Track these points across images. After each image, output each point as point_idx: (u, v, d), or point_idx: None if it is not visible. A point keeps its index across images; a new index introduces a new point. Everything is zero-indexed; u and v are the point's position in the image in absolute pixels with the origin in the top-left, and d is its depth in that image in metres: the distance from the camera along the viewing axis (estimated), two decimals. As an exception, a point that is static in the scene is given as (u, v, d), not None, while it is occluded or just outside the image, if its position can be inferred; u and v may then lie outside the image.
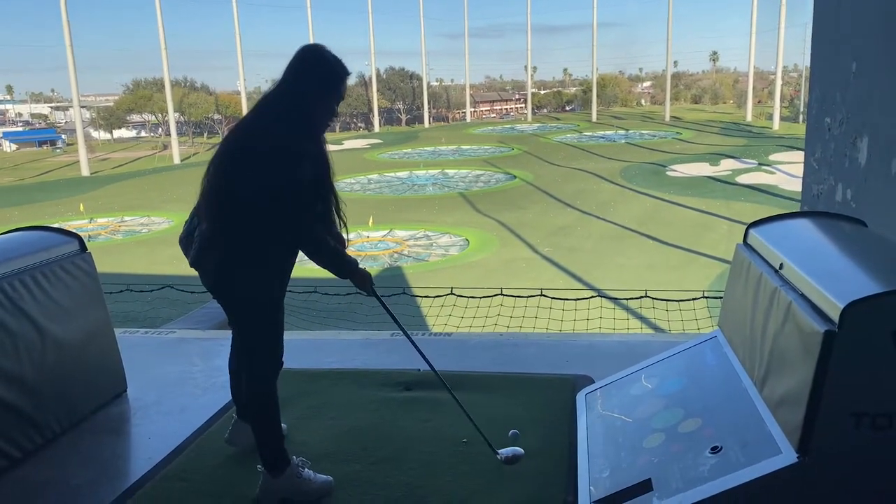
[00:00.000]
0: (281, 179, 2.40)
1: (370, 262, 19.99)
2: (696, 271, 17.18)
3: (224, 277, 2.58)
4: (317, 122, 2.56)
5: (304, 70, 2.50)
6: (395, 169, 40.20)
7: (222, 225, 2.53)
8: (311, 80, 2.49)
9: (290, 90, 2.49)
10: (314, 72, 2.50)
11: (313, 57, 2.53)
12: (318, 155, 2.53)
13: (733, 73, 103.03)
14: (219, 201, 2.53)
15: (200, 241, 2.59)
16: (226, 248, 2.54)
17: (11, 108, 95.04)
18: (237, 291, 2.59)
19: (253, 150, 2.48)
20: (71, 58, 43.42)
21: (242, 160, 2.49)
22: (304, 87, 2.48)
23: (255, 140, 2.51)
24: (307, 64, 2.52)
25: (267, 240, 2.50)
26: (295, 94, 2.48)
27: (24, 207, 30.12)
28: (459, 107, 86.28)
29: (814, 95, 3.81)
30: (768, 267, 2.05)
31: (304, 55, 2.52)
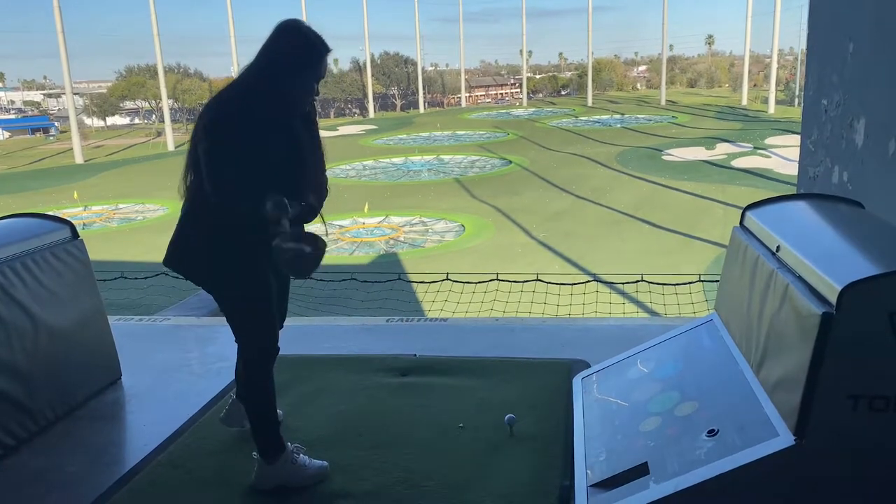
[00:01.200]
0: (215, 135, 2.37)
1: (366, 249, 19.97)
2: (692, 255, 17.21)
3: (197, 259, 2.53)
4: (290, 98, 2.47)
5: (279, 42, 2.43)
6: (391, 155, 40.09)
7: (192, 200, 2.49)
8: (286, 52, 2.41)
9: (262, 62, 2.42)
10: (289, 44, 2.42)
11: (289, 30, 2.44)
12: (276, 123, 2.45)
13: (729, 56, 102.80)
14: (185, 175, 2.50)
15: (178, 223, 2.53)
16: (200, 225, 2.50)
17: (3, 95, 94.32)
18: (214, 272, 2.53)
19: (213, 119, 2.43)
20: (63, 44, 43.07)
21: (204, 130, 2.43)
22: (277, 58, 2.41)
23: (215, 110, 2.46)
24: (282, 36, 2.44)
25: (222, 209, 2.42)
26: (267, 66, 2.41)
27: (18, 195, 29.96)
28: (455, 92, 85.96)
29: (810, 77, 3.78)
30: (765, 249, 2.04)
31: (281, 28, 2.44)
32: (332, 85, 76.07)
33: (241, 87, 2.46)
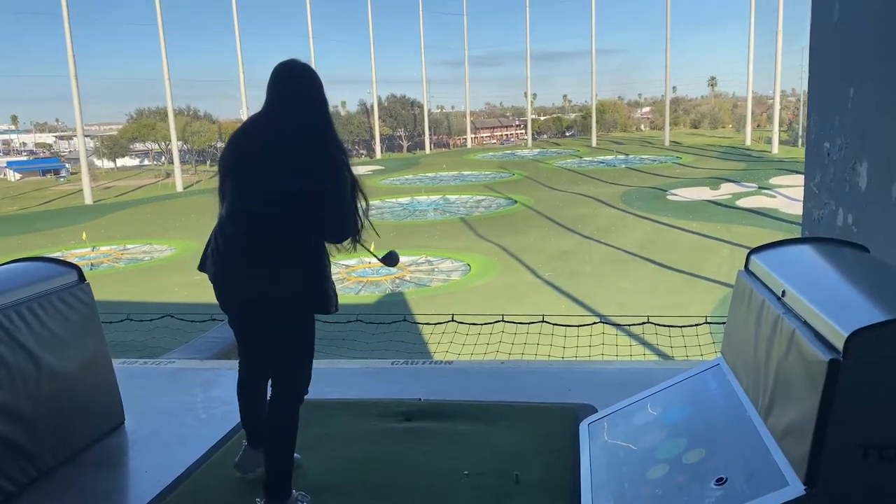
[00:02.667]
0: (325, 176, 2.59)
1: (372, 288, 19.99)
2: (698, 295, 17.14)
3: (279, 283, 2.57)
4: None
5: (319, 85, 2.69)
6: (397, 195, 40.37)
7: (274, 225, 2.54)
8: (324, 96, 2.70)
9: (323, 107, 2.70)
10: (321, 88, 2.70)
11: (310, 69, 2.71)
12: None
13: (732, 98, 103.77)
14: (270, 200, 2.55)
15: (243, 248, 2.58)
16: (282, 250, 2.56)
17: (16, 137, 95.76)
18: (294, 297, 2.60)
19: (339, 160, 2.65)
20: (75, 88, 43.88)
21: (334, 170, 2.61)
22: (326, 102, 2.71)
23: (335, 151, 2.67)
24: (318, 80, 2.70)
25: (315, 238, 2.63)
26: (327, 110, 2.72)
27: (27, 236, 30.22)
28: (460, 133, 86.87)
29: (812, 120, 3.81)
30: (770, 294, 2.03)
31: (313, 73, 2.70)
32: (339, 127, 76.74)
33: (332, 130, 2.69)
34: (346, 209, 2.61)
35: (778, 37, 51.98)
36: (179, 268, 22.80)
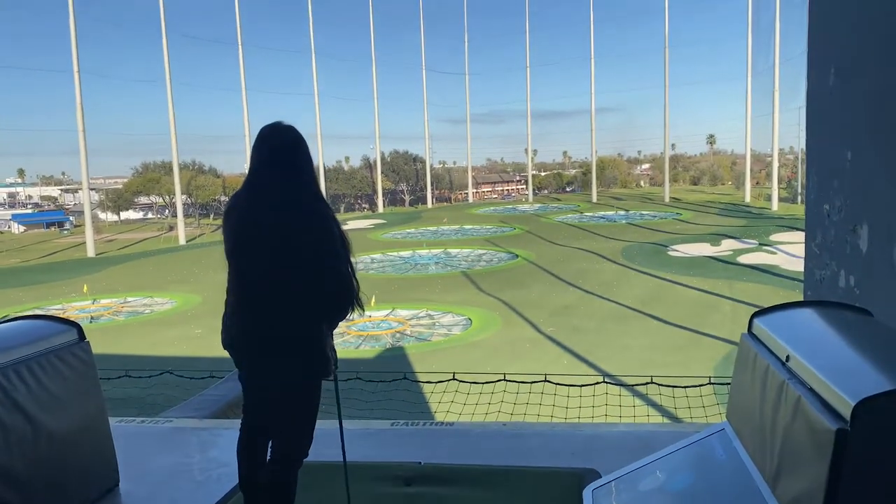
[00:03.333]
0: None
1: (372, 342, 19.85)
2: (701, 352, 17.00)
3: (299, 354, 2.68)
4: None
5: (305, 147, 2.84)
6: (398, 248, 40.50)
7: (289, 295, 2.66)
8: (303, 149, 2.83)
9: (309, 168, 2.84)
10: (299, 143, 2.84)
11: (292, 132, 2.85)
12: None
13: (730, 155, 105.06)
14: (271, 270, 2.67)
15: (270, 325, 2.68)
16: (301, 321, 2.68)
17: (22, 190, 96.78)
18: (310, 368, 2.71)
19: (330, 218, 2.77)
20: (83, 142, 44.53)
21: (325, 230, 2.72)
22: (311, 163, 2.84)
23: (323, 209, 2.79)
24: (303, 142, 2.84)
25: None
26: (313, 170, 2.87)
27: (29, 289, 30.22)
28: (461, 188, 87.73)
29: (811, 181, 3.85)
30: (775, 359, 2.01)
31: (297, 134, 2.84)
32: (342, 181, 77.91)
33: (316, 189, 2.82)
34: (340, 261, 2.69)
35: (775, 96, 52.98)
36: (179, 321, 22.71)
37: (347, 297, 2.72)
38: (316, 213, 2.70)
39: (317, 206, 2.74)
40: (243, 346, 2.75)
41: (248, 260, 2.71)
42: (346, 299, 2.72)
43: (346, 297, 2.72)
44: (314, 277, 2.63)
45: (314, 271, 2.63)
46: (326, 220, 2.71)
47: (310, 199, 2.74)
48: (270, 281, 2.66)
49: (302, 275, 2.63)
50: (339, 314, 2.76)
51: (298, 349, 2.69)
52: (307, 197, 2.74)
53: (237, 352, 2.79)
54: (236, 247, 2.74)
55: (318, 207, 2.74)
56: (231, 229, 2.77)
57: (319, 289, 2.65)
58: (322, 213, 2.72)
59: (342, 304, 2.73)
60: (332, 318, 2.77)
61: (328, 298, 2.68)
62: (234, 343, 2.78)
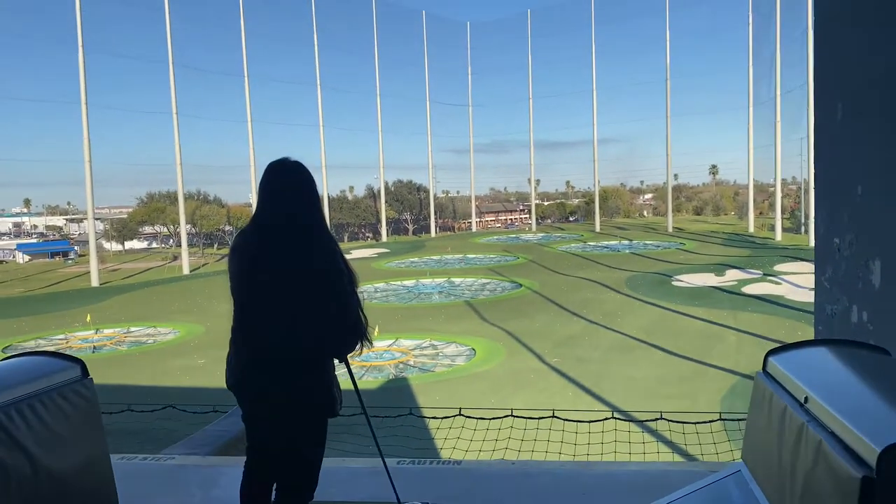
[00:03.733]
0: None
1: (375, 373, 19.71)
2: (707, 384, 16.85)
3: (305, 393, 2.68)
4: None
5: (309, 182, 2.85)
6: (402, 277, 40.48)
7: (300, 340, 2.65)
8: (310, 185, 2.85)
9: (318, 205, 2.86)
10: (307, 180, 2.86)
11: (299, 169, 2.87)
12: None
13: (733, 185, 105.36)
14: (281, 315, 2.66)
15: (275, 365, 2.67)
16: (322, 362, 2.72)
17: (28, 220, 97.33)
18: (316, 407, 2.71)
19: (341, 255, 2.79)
20: (89, 172, 44.87)
21: (339, 270, 2.73)
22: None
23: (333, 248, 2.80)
24: (308, 178, 2.86)
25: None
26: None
27: (32, 318, 30.19)
28: (465, 217, 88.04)
29: (820, 215, 3.82)
30: (792, 399, 1.96)
31: (304, 170, 2.85)
32: (346, 211, 78.24)
33: (324, 226, 2.83)
34: (348, 297, 2.69)
35: (777, 127, 53.27)
36: (182, 351, 22.63)
37: (355, 334, 2.71)
38: (323, 251, 2.69)
39: (324, 243, 2.73)
40: (248, 386, 2.72)
41: (254, 298, 2.69)
42: (354, 336, 2.70)
43: (355, 333, 2.70)
44: (321, 315, 2.61)
45: (321, 309, 2.61)
46: (333, 256, 2.70)
47: (317, 236, 2.74)
48: (277, 319, 2.63)
49: (309, 312, 2.61)
50: (346, 350, 2.74)
51: (304, 387, 2.66)
52: (314, 234, 2.74)
53: (242, 391, 2.75)
54: (242, 285, 2.72)
55: (326, 244, 2.73)
56: (237, 267, 2.75)
57: (327, 326, 2.63)
58: (329, 249, 2.72)
59: (350, 341, 2.71)
60: (340, 354, 2.75)
61: (336, 335, 2.66)
62: (238, 383, 2.74)
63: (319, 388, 2.68)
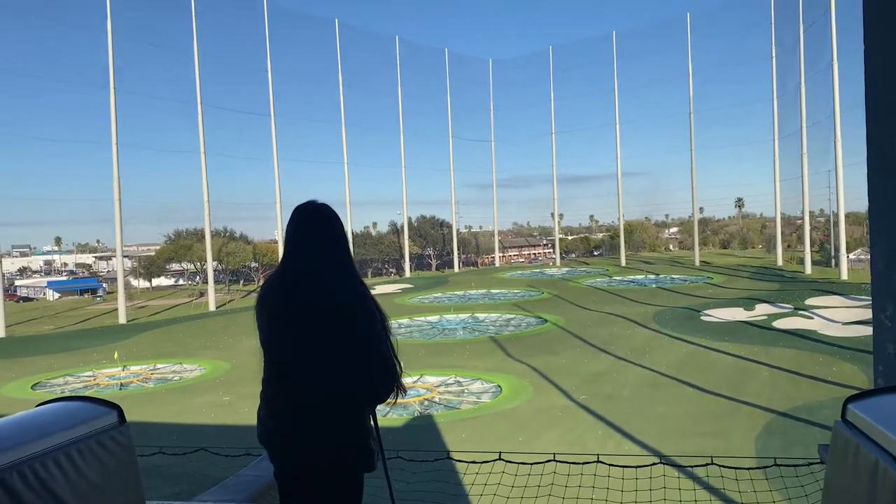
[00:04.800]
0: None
1: (400, 410, 19.47)
2: (740, 421, 16.39)
3: (341, 447, 2.59)
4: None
5: (337, 225, 2.78)
6: (426, 313, 40.33)
7: (334, 392, 2.57)
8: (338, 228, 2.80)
9: (345, 245, 2.78)
10: (335, 223, 2.79)
11: (334, 214, 2.82)
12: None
13: (760, 218, 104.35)
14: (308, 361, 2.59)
15: (310, 418, 2.59)
16: (351, 412, 2.61)
17: (58, 258, 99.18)
18: (353, 462, 2.61)
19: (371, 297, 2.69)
20: (118, 211, 45.64)
21: (370, 312, 2.64)
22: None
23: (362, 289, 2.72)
24: (335, 221, 2.79)
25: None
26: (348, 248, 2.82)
27: (61, 355, 30.49)
28: (488, 252, 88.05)
29: (877, 249, 3.66)
30: (884, 454, 1.81)
31: (332, 213, 2.79)
32: (370, 246, 78.67)
33: (353, 270, 2.74)
34: (382, 344, 2.60)
35: (803, 160, 52.75)
36: (208, 388, 22.61)
37: (390, 382, 2.60)
38: (354, 297, 2.60)
39: (354, 288, 2.64)
40: (281, 440, 2.62)
41: (285, 351, 2.60)
42: (389, 384, 2.60)
43: (390, 382, 2.59)
44: (354, 362, 2.52)
45: (353, 356, 2.52)
46: (365, 302, 2.60)
47: (347, 282, 2.65)
48: (308, 370, 2.54)
49: (341, 360, 2.52)
50: (381, 399, 2.63)
51: (341, 442, 2.56)
52: (344, 280, 2.65)
53: (275, 446, 2.65)
54: (272, 337, 2.63)
55: (356, 289, 2.63)
56: (266, 319, 2.67)
57: (360, 374, 2.53)
58: (360, 293, 2.62)
59: (385, 390, 2.60)
60: (375, 403, 2.65)
61: (371, 385, 2.56)
62: (270, 437, 2.65)
63: (355, 440, 2.58)
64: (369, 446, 2.60)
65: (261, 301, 2.73)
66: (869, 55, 3.66)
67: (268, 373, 2.65)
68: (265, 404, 2.67)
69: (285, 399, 2.60)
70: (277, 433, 2.62)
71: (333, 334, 2.52)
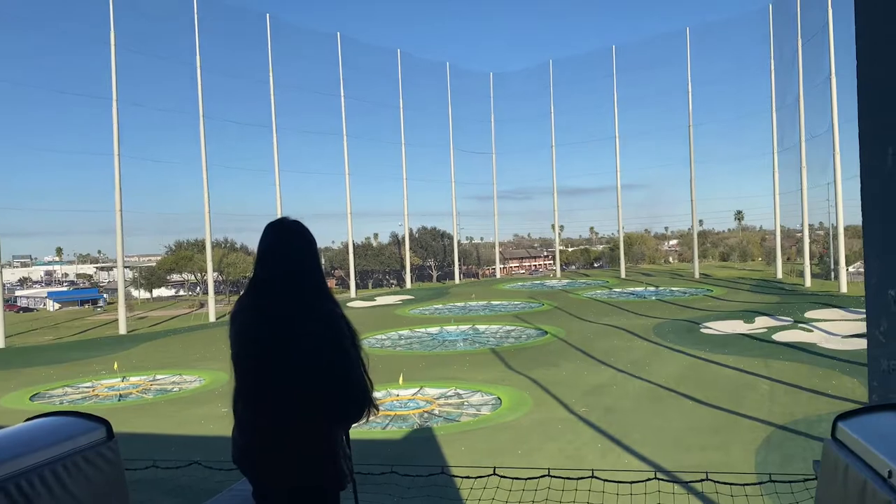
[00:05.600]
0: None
1: (400, 423, 19.40)
2: (740, 434, 16.31)
3: (311, 466, 2.58)
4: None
5: (308, 243, 2.76)
6: (426, 324, 40.27)
7: (304, 410, 2.56)
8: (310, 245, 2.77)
9: (318, 264, 2.77)
10: (305, 239, 2.77)
11: (305, 230, 2.79)
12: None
13: (759, 231, 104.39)
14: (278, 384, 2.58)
15: (279, 437, 2.58)
16: (323, 434, 2.59)
17: (59, 268, 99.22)
18: (322, 482, 2.58)
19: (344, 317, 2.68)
20: (119, 222, 45.69)
21: (341, 333, 2.63)
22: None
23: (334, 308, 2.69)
24: (306, 238, 2.76)
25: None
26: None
27: (60, 366, 30.43)
28: (489, 263, 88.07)
29: (871, 265, 3.65)
30: (873, 473, 1.80)
31: (303, 230, 2.76)
32: (371, 257, 78.68)
33: (324, 288, 2.72)
34: (351, 363, 2.57)
35: (802, 173, 52.81)
36: (206, 399, 22.55)
37: (361, 402, 2.56)
38: (325, 315, 2.58)
39: (325, 306, 2.62)
40: (252, 461, 2.62)
41: (253, 368, 2.59)
42: (359, 404, 2.56)
43: (360, 401, 2.56)
44: (325, 384, 2.50)
45: (325, 377, 2.50)
46: (335, 320, 2.58)
47: (317, 300, 2.64)
48: (279, 390, 2.53)
49: (312, 382, 2.50)
50: (351, 419, 2.60)
51: (310, 463, 2.55)
52: (314, 298, 2.64)
53: (246, 466, 2.64)
54: (240, 355, 2.63)
55: (327, 308, 2.62)
56: (236, 336, 2.66)
57: (331, 395, 2.51)
58: (331, 312, 2.60)
59: (356, 410, 2.57)
60: (346, 423, 2.62)
61: (341, 405, 2.54)
62: (242, 457, 2.65)
63: (324, 460, 2.55)
64: (340, 467, 2.57)
65: (232, 318, 2.74)
66: (862, 71, 3.67)
67: (236, 389, 2.65)
68: (236, 422, 2.67)
69: (253, 417, 2.58)
70: (247, 453, 2.60)
71: (303, 353, 2.50)
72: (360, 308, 48.46)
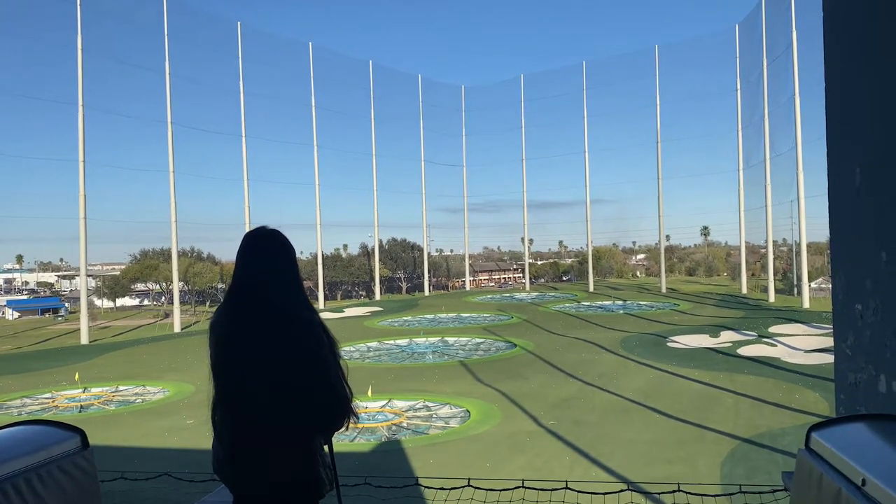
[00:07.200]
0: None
1: (368, 435, 19.27)
2: (705, 447, 16.53)
3: (290, 475, 2.56)
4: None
5: (286, 252, 2.78)
6: (395, 336, 40.12)
7: (283, 419, 2.56)
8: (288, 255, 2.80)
9: (297, 270, 2.79)
10: (285, 249, 2.80)
11: (284, 239, 2.82)
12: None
13: (725, 246, 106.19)
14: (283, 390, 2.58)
15: (259, 447, 2.58)
16: (296, 443, 2.59)
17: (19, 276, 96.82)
18: (311, 477, 2.58)
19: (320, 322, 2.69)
20: (83, 229, 44.78)
21: (319, 336, 2.66)
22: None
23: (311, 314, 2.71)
24: (285, 247, 2.78)
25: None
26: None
27: (19, 376, 29.62)
28: (459, 275, 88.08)
29: (838, 280, 3.75)
30: (846, 482, 1.85)
31: (283, 239, 2.79)
32: (340, 269, 78.16)
33: (303, 297, 2.73)
34: (330, 372, 2.58)
35: (767, 190, 53.95)
36: (171, 411, 22.14)
37: (340, 410, 2.58)
38: (303, 324, 2.60)
39: (304, 315, 2.63)
40: (234, 470, 2.60)
41: (233, 378, 2.59)
42: (339, 412, 2.58)
43: (340, 409, 2.57)
44: (305, 392, 2.51)
45: (304, 386, 2.51)
46: (314, 328, 2.60)
47: (295, 309, 2.65)
48: (258, 399, 2.53)
49: (291, 390, 2.51)
50: (333, 427, 2.61)
51: (290, 472, 2.54)
52: (293, 306, 2.66)
53: (226, 476, 2.63)
54: (218, 364, 2.62)
55: (306, 316, 2.63)
56: (215, 345, 2.66)
57: (311, 404, 2.52)
58: (309, 320, 2.62)
59: (336, 418, 2.58)
60: (327, 432, 2.62)
61: (321, 412, 2.55)
62: (221, 468, 2.64)
63: (303, 469, 2.56)
64: (319, 476, 2.57)
65: (211, 326, 2.74)
66: (830, 91, 3.78)
67: (216, 399, 2.64)
68: (216, 432, 2.66)
69: (233, 426, 2.58)
70: (228, 462, 2.60)
71: (282, 362, 2.51)
72: (329, 319, 47.90)
